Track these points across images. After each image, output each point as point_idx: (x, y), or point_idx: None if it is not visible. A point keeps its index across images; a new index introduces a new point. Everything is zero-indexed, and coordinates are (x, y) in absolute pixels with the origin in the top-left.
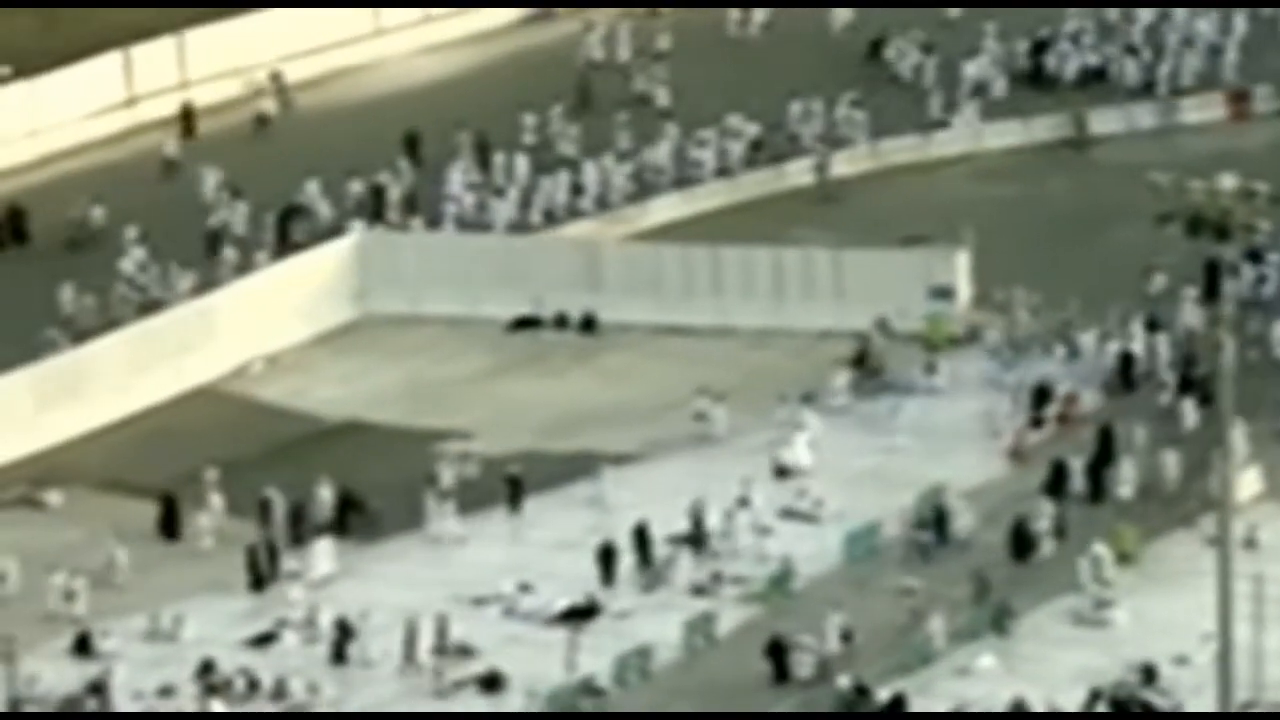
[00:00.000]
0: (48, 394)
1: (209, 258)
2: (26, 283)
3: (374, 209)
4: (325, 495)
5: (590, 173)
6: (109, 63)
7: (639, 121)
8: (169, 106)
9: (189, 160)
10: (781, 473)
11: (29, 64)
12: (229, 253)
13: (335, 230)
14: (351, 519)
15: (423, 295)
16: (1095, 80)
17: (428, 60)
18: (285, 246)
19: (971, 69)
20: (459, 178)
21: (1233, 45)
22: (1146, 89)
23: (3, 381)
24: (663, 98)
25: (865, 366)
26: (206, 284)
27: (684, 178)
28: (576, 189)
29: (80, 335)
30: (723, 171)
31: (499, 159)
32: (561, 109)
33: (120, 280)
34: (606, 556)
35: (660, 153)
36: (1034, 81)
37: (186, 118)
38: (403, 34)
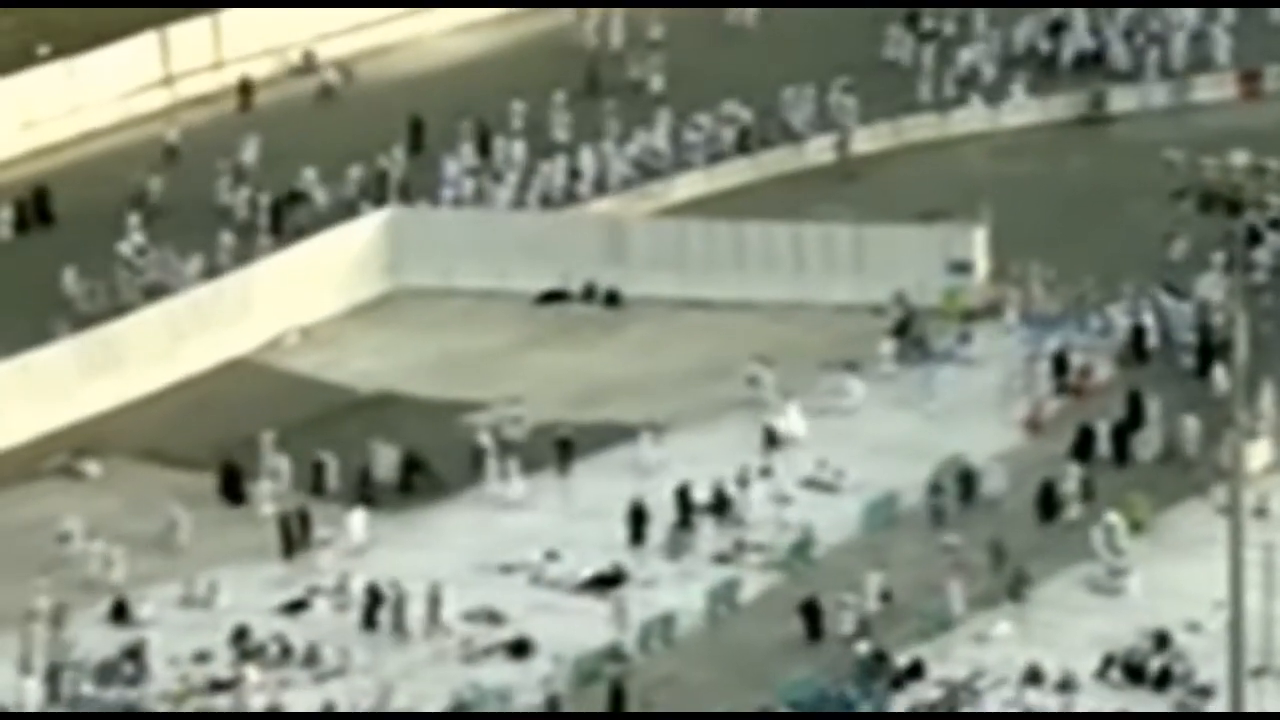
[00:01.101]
0: (88, 365)
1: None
2: (49, 262)
3: (378, 193)
4: (390, 457)
5: (587, 158)
6: (146, 42)
7: (634, 108)
8: (205, 85)
9: (246, 129)
10: (773, 441)
11: (67, 43)
12: (226, 238)
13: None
14: (416, 480)
15: (453, 269)
16: (1094, 63)
17: (456, 40)
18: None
19: (967, 55)
20: (455, 164)
21: (1222, 30)
22: (1137, 72)
23: (45, 353)
24: (657, 84)
25: (907, 335)
26: (244, 257)
27: (681, 162)
28: (574, 174)
29: (81, 321)
30: (715, 157)
31: (502, 144)
32: (564, 95)
33: (120, 263)
34: (637, 518)
35: (658, 137)
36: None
37: (244, 90)
38: (435, 14)
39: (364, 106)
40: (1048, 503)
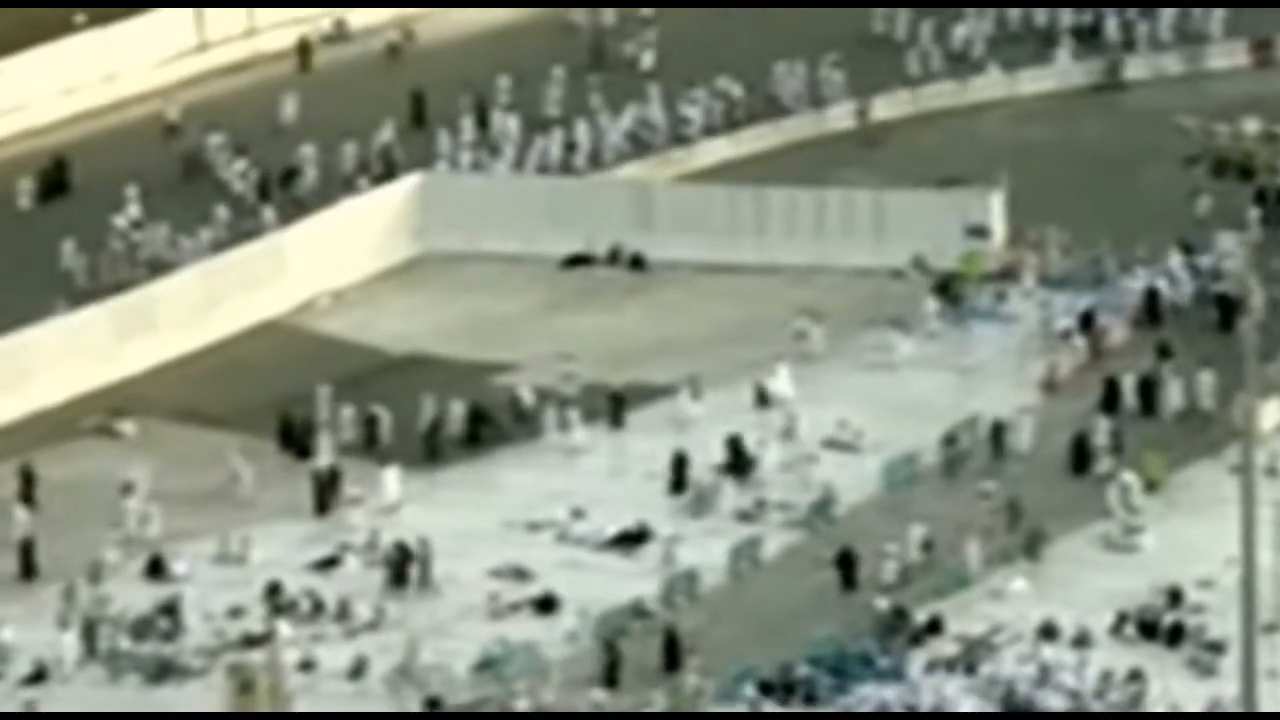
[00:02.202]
0: (124, 327)
1: (284, 189)
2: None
3: (386, 168)
4: (458, 410)
5: (582, 131)
6: (180, 10)
7: (629, 83)
8: (239, 53)
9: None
10: (763, 400)
11: (102, 12)
12: (221, 211)
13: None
14: (483, 431)
15: (481, 234)
16: (1090, 37)
17: (462, 14)
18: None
19: (961, 30)
20: (449, 139)
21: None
22: (1128, 46)
23: (81, 315)
24: (647, 60)
25: (948, 293)
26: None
27: (677, 135)
28: (570, 146)
29: (79, 297)
30: (709, 130)
31: (507, 119)
32: (563, 70)
33: (114, 237)
34: (679, 469)
35: (654, 110)
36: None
37: (303, 51)
38: None
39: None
40: (1080, 456)
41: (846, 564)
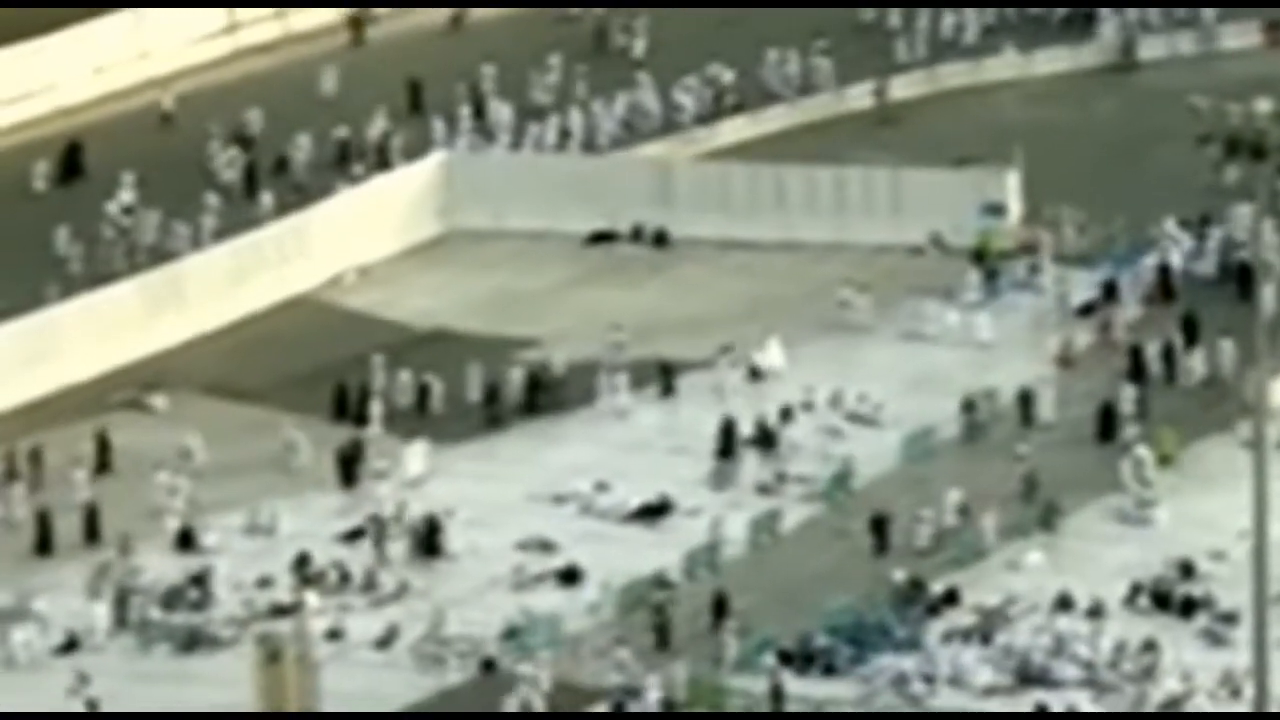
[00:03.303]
0: (154, 303)
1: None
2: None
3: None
4: (517, 376)
5: (575, 117)
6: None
7: (617, 72)
8: (268, 33)
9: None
10: (755, 375)
11: None
12: (211, 199)
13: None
14: (540, 398)
15: (506, 210)
16: (1084, 23)
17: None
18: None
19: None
20: (443, 125)
21: None
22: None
23: (113, 291)
24: (638, 49)
25: (984, 263)
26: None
27: (670, 121)
28: (564, 134)
29: (73, 285)
30: (701, 119)
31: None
32: (559, 57)
33: (106, 223)
34: (727, 433)
35: (648, 97)
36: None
37: (355, 26)
38: None
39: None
40: (1106, 424)
41: (879, 529)
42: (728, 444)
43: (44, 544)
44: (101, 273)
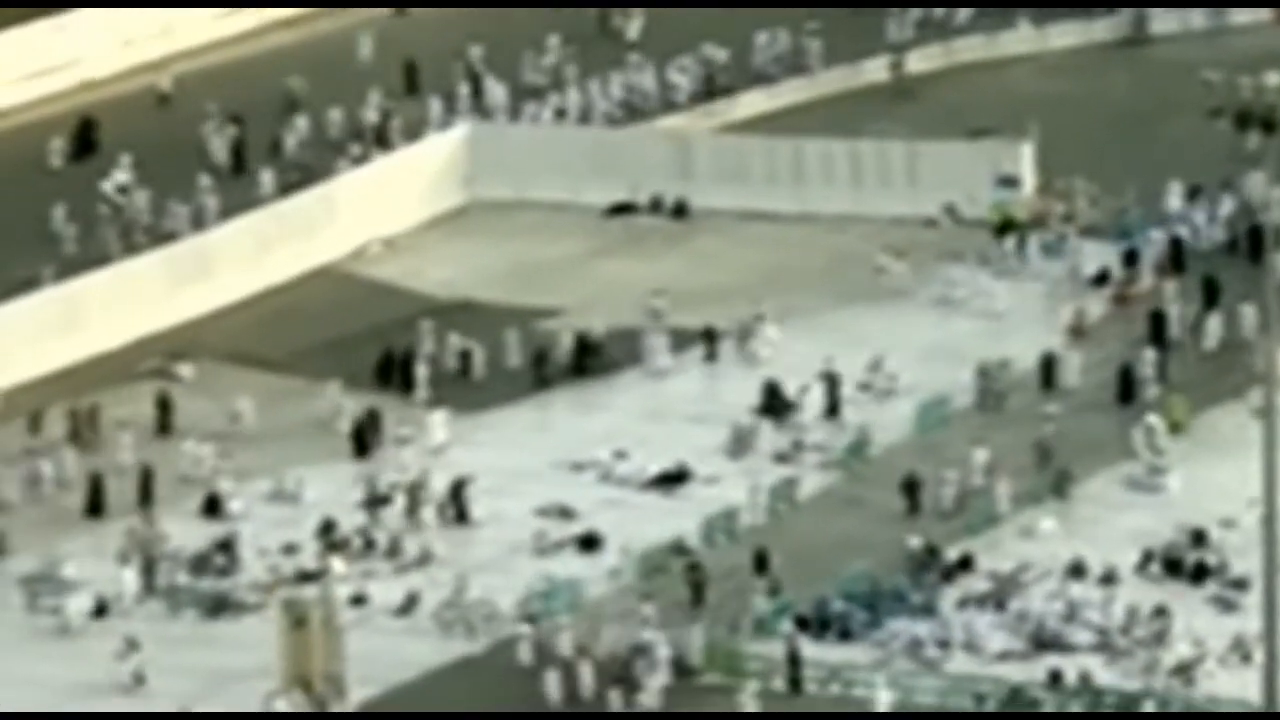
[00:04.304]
0: (181, 274)
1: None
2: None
3: (378, 135)
4: (566, 340)
5: (573, 96)
6: None
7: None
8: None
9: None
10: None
11: None
12: (204, 180)
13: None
14: (588, 361)
15: (527, 182)
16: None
17: None
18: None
19: None
20: (439, 104)
21: None
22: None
23: (140, 262)
24: (633, 31)
25: (1008, 234)
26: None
27: (667, 101)
28: (560, 113)
29: (67, 266)
30: (696, 97)
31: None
32: (559, 39)
33: (102, 201)
34: (772, 394)
35: (645, 77)
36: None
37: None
38: None
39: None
40: (1126, 386)
41: (911, 490)
42: (772, 404)
43: (94, 507)
44: (97, 253)
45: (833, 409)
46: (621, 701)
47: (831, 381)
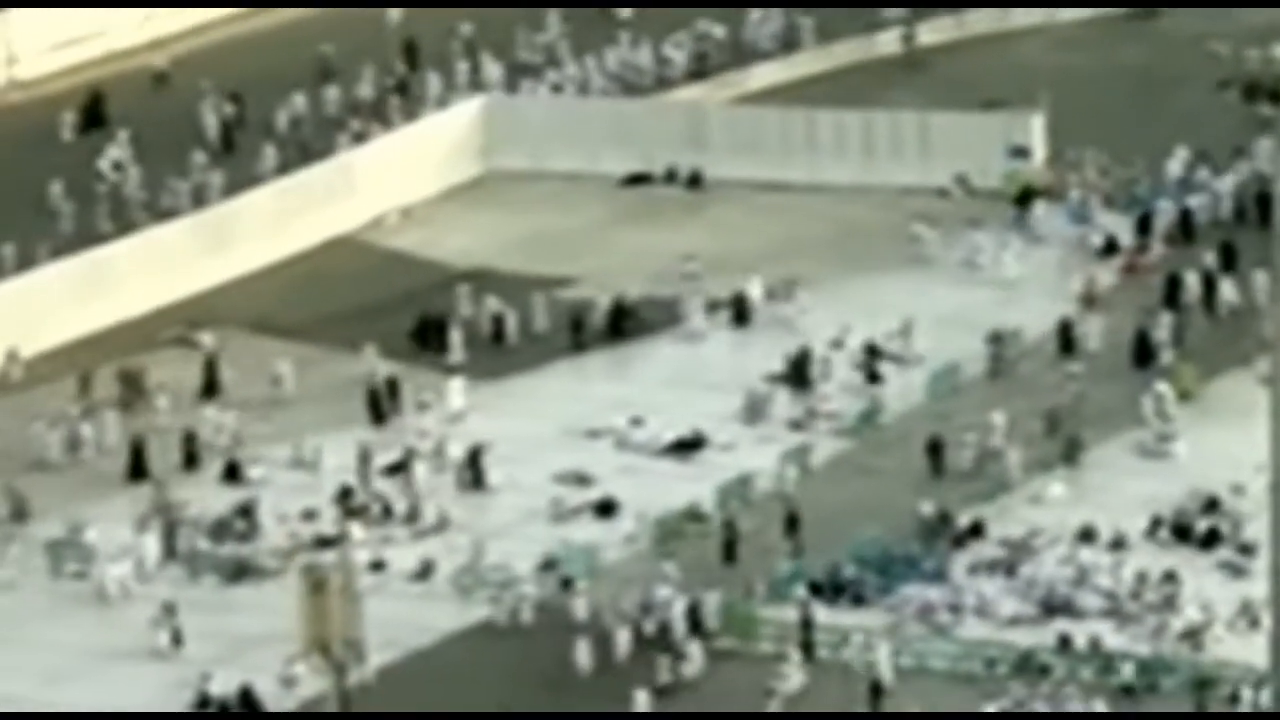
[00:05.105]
0: (202, 243)
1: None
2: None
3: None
4: (603, 302)
5: (571, 70)
6: None
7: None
8: None
9: None
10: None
11: None
12: (199, 158)
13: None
14: (624, 324)
15: (544, 153)
16: None
17: None
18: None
19: None
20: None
21: None
22: None
23: (162, 230)
24: (625, 12)
25: (1028, 203)
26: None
27: (662, 76)
28: (556, 88)
29: (63, 245)
30: (696, 74)
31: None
32: (559, 15)
33: (97, 179)
34: (800, 363)
35: (642, 54)
36: None
37: None
38: None
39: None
40: (1142, 350)
41: (935, 451)
42: (800, 373)
43: (136, 470)
44: (90, 231)
45: (872, 377)
46: (669, 670)
47: (872, 351)
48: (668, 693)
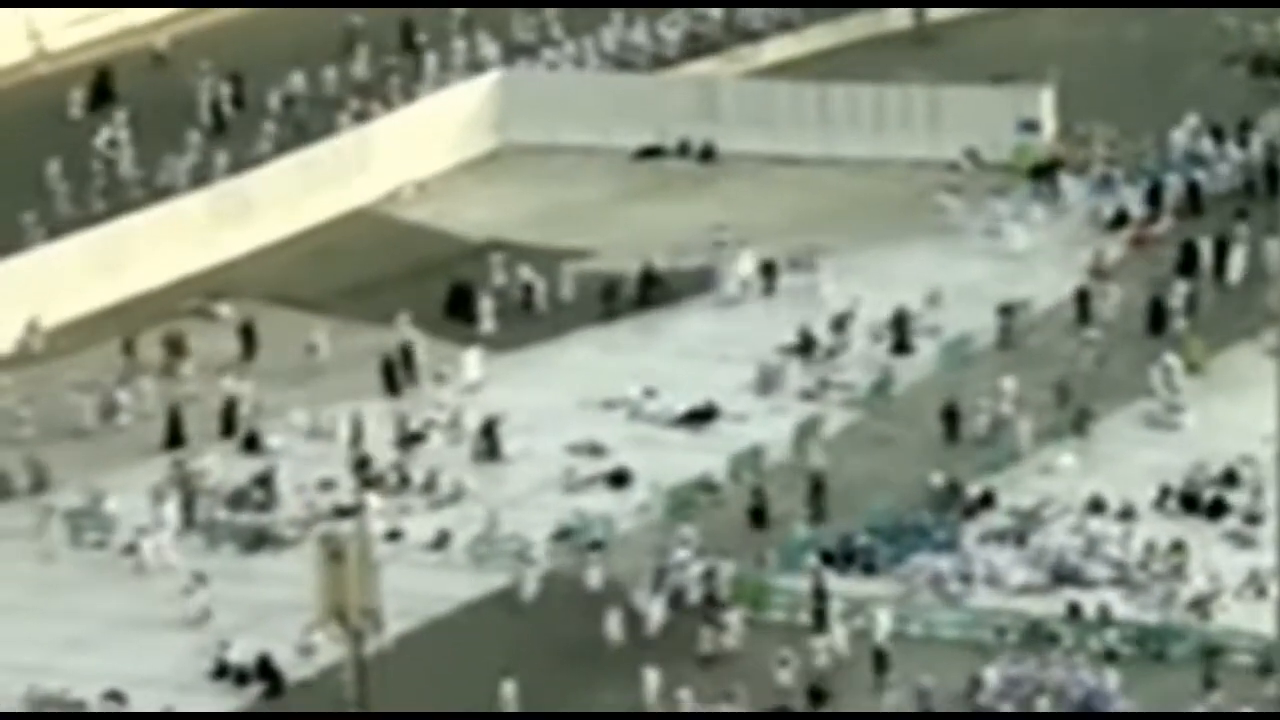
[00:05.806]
0: (220, 214)
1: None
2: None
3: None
4: (633, 270)
5: (568, 48)
6: None
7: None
8: None
9: None
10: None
11: None
12: (193, 137)
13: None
14: (653, 293)
15: (558, 126)
16: None
17: None
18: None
19: None
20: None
21: None
22: None
23: (181, 203)
24: None
25: (1047, 175)
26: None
27: (658, 55)
28: (552, 66)
29: (59, 226)
30: (693, 52)
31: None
32: None
33: (94, 156)
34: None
35: (638, 33)
36: None
37: None
38: None
39: None
40: (1156, 316)
41: (950, 418)
42: (807, 344)
43: (174, 439)
44: (86, 210)
45: (900, 346)
46: (710, 640)
47: (900, 320)
48: (709, 663)
